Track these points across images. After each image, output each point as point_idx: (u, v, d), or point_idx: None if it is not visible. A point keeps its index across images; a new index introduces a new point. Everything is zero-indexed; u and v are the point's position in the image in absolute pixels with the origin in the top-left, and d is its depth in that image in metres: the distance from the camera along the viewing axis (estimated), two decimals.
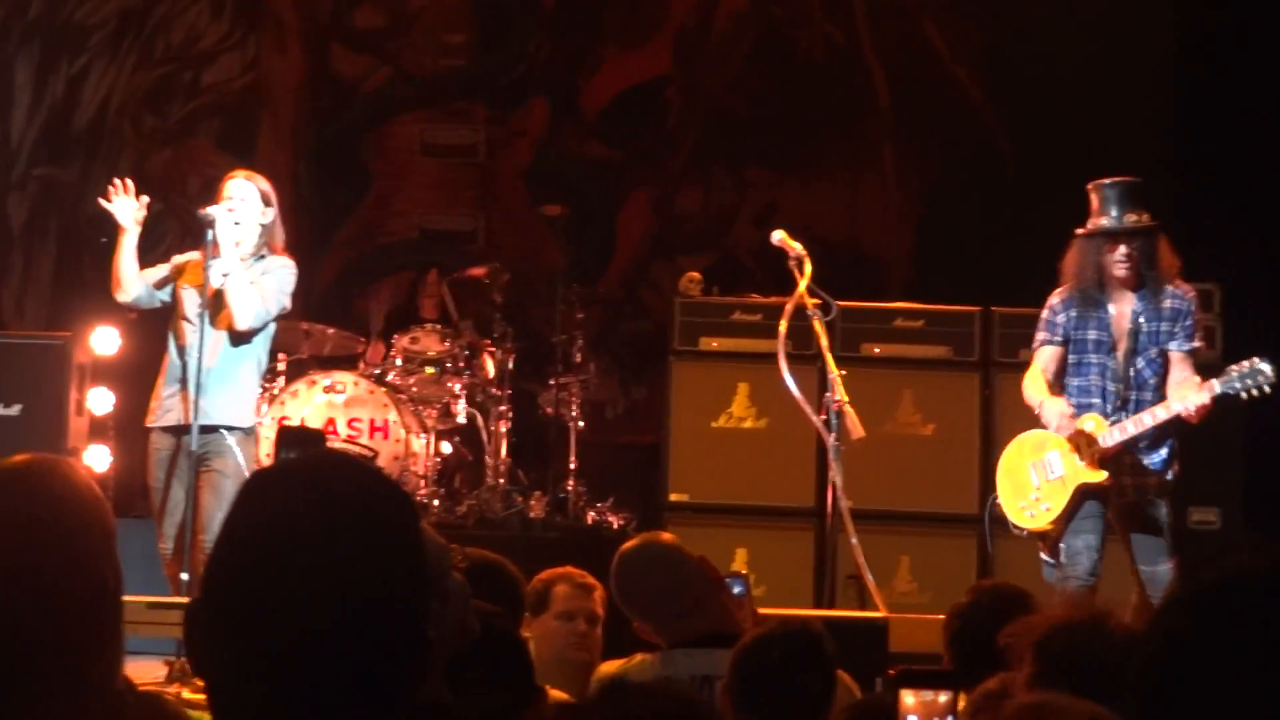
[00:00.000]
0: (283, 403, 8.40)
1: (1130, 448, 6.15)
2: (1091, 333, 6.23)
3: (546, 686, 3.39)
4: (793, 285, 6.63)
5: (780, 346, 6.59)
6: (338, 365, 8.79)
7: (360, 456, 7.42)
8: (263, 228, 6.65)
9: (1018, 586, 4.16)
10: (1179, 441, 6.22)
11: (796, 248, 6.64)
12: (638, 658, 4.25)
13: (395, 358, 8.81)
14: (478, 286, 9.20)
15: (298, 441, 6.86)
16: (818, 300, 6.66)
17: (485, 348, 8.91)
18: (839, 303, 7.01)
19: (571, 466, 8.79)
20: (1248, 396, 5.96)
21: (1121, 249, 6.13)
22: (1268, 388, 5.94)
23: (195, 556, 6.23)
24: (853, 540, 6.40)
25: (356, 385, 8.51)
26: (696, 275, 8.74)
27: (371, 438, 8.43)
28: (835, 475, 6.41)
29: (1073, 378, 6.28)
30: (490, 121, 10.80)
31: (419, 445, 8.51)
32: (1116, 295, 6.21)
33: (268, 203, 6.67)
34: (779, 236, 6.70)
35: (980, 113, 10.34)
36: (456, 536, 5.67)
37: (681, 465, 8.32)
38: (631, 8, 10.77)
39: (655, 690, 1.86)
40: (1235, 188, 8.92)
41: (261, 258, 6.64)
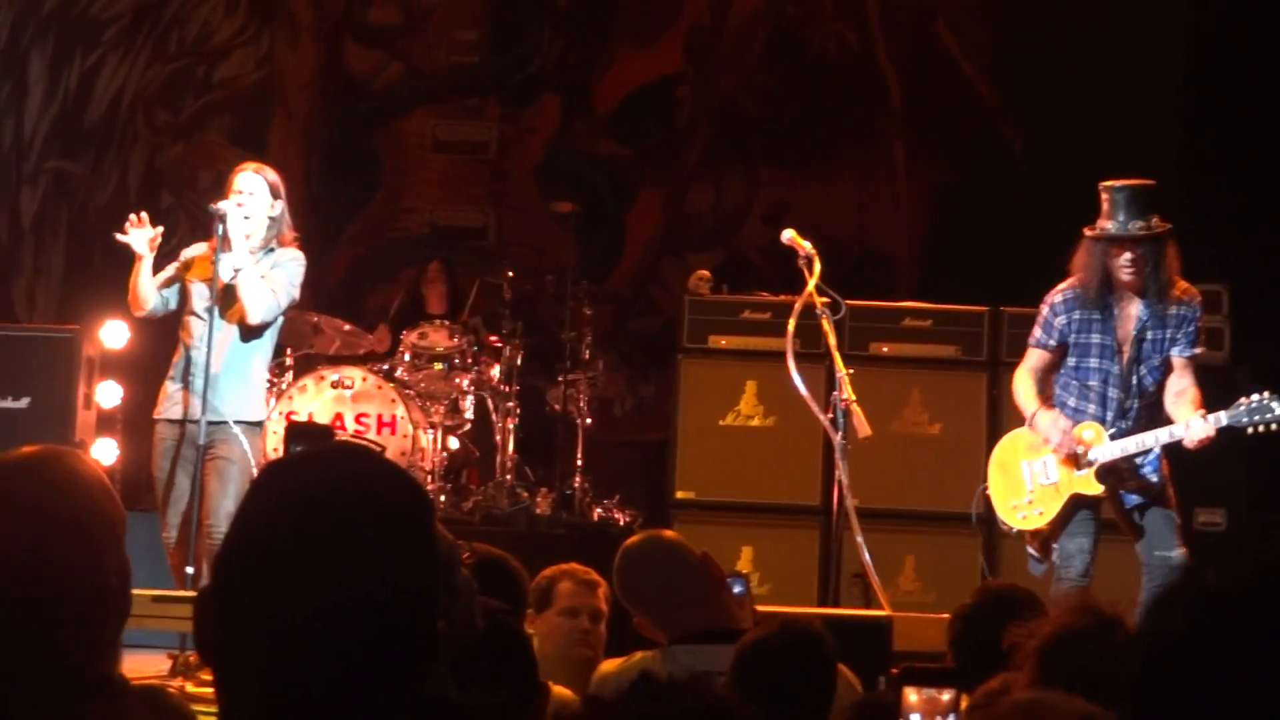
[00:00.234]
0: (291, 398, 8.41)
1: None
2: (1095, 337, 6.07)
3: (550, 683, 3.40)
4: (802, 284, 6.61)
5: (789, 345, 6.56)
6: (346, 361, 8.81)
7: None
8: (272, 220, 6.65)
9: (1024, 589, 4.11)
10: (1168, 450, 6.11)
11: (806, 246, 6.61)
12: (638, 655, 4.26)
13: (404, 353, 8.82)
14: (491, 284, 9.20)
15: (305, 438, 6.87)
16: (827, 299, 6.65)
17: (493, 344, 8.92)
18: (848, 301, 7.00)
19: (578, 463, 8.80)
20: (1253, 432, 5.85)
21: (1127, 254, 5.96)
22: (1275, 426, 5.81)
23: (200, 544, 6.25)
24: (858, 539, 6.38)
25: (364, 380, 8.52)
26: (706, 273, 8.74)
27: (379, 433, 8.45)
28: (842, 474, 6.38)
29: (1071, 381, 6.14)
30: (502, 118, 10.80)
31: (426, 441, 8.53)
32: (1122, 299, 6.06)
33: (276, 195, 6.67)
34: (789, 235, 6.67)
35: (991, 112, 10.33)
36: (462, 532, 5.66)
37: (688, 463, 8.31)
38: (644, 6, 10.76)
39: (688, 689, 1.83)
40: (1245, 188, 8.91)
41: (270, 250, 6.65)
